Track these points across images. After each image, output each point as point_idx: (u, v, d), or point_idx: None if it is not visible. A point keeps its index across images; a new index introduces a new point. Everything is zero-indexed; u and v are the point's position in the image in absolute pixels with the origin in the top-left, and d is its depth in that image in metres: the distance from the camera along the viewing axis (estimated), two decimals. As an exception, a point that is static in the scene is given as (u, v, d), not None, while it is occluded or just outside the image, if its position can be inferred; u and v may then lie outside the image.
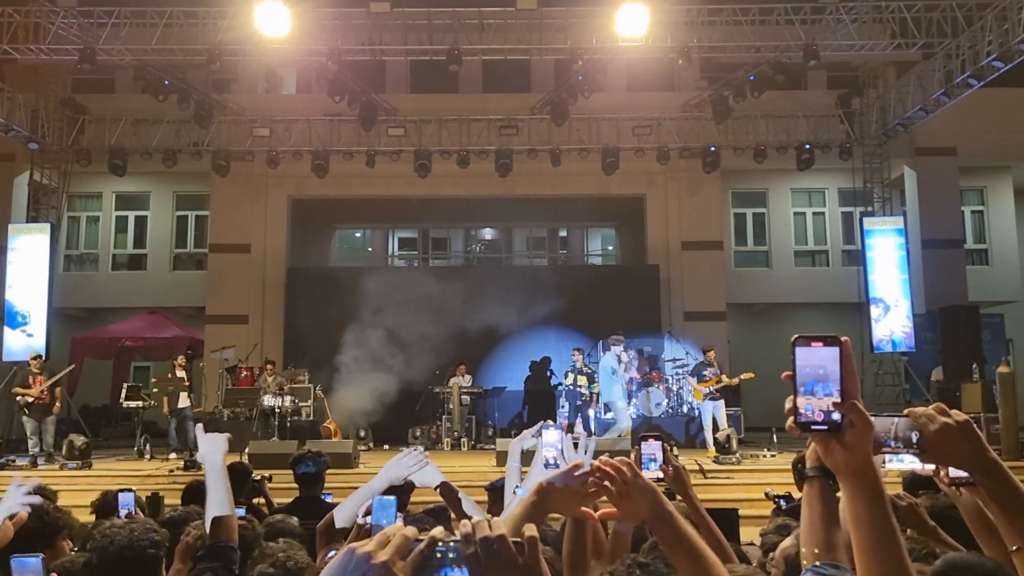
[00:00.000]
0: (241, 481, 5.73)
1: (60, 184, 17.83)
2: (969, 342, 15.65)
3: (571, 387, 14.25)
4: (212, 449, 2.85)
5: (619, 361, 12.30)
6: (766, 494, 6.15)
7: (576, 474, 1.66)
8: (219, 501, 2.76)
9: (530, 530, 1.07)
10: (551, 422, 3.53)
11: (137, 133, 17.21)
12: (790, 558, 2.59)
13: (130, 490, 4.23)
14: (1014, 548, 1.74)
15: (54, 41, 15.17)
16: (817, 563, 1.44)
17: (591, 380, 14.29)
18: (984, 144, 18.24)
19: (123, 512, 4.06)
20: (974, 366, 13.24)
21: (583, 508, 1.71)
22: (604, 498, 1.71)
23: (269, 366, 14.89)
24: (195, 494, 4.44)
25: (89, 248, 20.60)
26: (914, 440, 1.45)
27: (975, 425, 1.47)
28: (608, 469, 1.64)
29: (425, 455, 3.29)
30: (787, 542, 2.73)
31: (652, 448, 2.62)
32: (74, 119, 17.51)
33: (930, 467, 1.99)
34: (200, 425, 3.02)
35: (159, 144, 17.05)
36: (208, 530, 2.72)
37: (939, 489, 2.28)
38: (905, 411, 1.49)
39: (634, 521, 1.68)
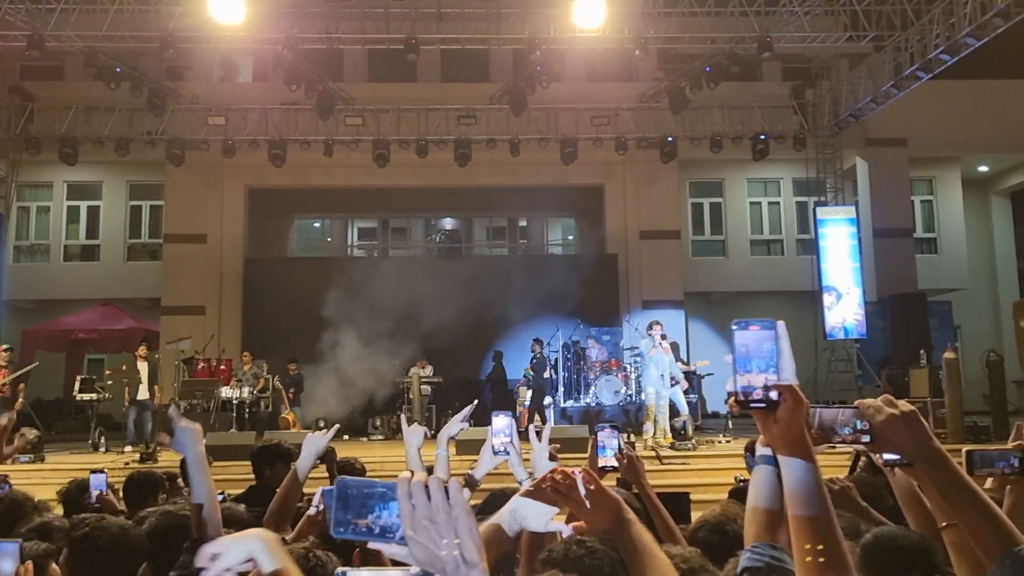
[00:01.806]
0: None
1: (9, 173, 17.44)
2: (917, 329, 16.05)
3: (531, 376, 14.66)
4: (187, 440, 2.75)
5: (654, 345, 12.27)
6: (736, 478, 6.35)
7: (543, 486, 1.71)
8: (204, 496, 2.70)
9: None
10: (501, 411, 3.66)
11: (88, 121, 16.87)
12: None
13: (101, 471, 4.15)
14: (943, 524, 1.83)
15: (0, 27, 14.79)
16: (756, 543, 1.51)
17: (535, 370, 14.79)
18: (933, 135, 18.66)
19: (94, 493, 3.99)
20: (922, 352, 13.58)
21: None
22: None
23: (247, 355, 14.77)
24: (138, 486, 4.33)
25: (40, 239, 20.18)
26: (860, 428, 1.53)
27: (920, 416, 1.54)
28: (573, 482, 1.69)
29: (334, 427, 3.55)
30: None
31: (607, 436, 2.72)
32: (23, 107, 17.13)
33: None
34: (176, 412, 2.86)
35: (111, 133, 16.75)
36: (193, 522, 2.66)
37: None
38: (855, 402, 1.56)
39: (599, 530, 1.73)
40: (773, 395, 1.37)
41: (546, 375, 15.14)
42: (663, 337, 12.24)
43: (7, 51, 15.99)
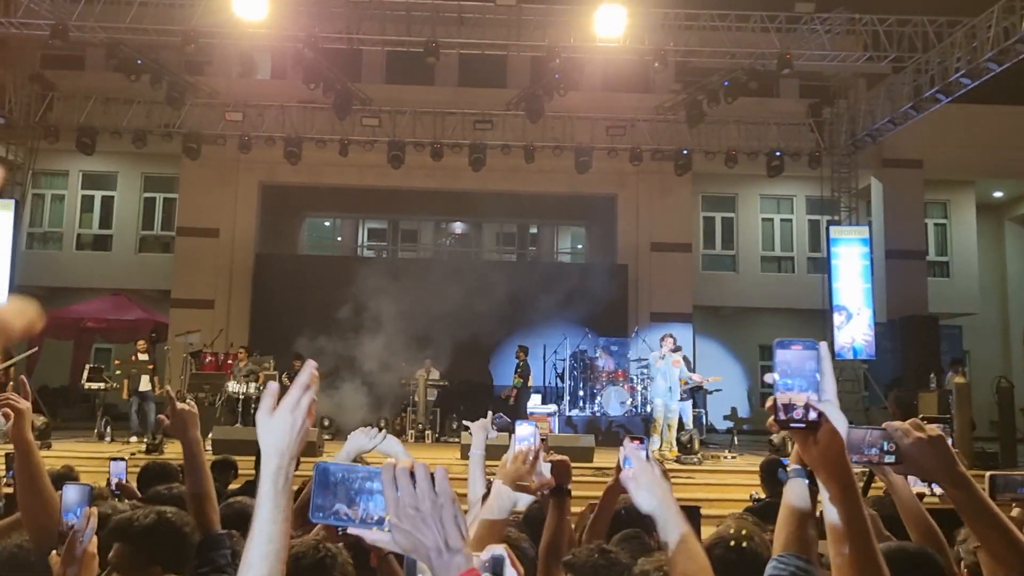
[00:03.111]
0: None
1: (26, 160, 17.53)
2: (927, 352, 15.98)
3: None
4: (183, 424, 2.60)
5: (660, 356, 12.36)
6: (751, 496, 6.39)
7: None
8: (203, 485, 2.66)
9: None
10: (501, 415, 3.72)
11: (107, 112, 16.96)
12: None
13: (122, 458, 4.18)
14: (976, 546, 1.87)
15: (25, 15, 14.89)
16: (782, 554, 1.53)
17: (523, 378, 14.94)
18: (949, 158, 18.61)
19: (114, 481, 4.01)
20: (931, 376, 13.53)
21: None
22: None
23: (242, 351, 14.81)
24: (153, 476, 4.35)
25: (54, 227, 20.29)
26: (886, 449, 1.57)
27: (947, 440, 1.57)
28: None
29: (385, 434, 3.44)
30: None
31: (634, 449, 2.73)
32: (42, 95, 17.22)
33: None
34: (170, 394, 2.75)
35: (129, 124, 16.83)
36: (193, 515, 2.56)
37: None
38: (883, 424, 1.59)
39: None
40: (813, 415, 1.38)
41: (529, 383, 15.22)
42: (673, 350, 12.25)
43: (30, 39, 16.09)
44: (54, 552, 2.10)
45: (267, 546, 1.28)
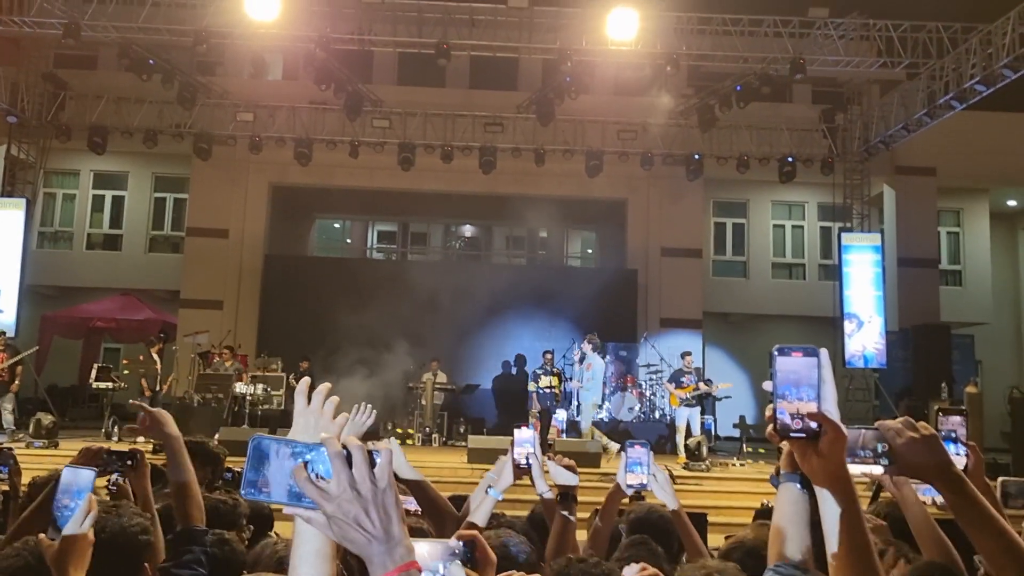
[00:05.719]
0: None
1: (37, 159, 17.60)
2: (939, 362, 15.85)
3: (544, 389, 14.17)
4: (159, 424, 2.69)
5: (579, 361, 12.50)
6: (763, 504, 6.29)
7: None
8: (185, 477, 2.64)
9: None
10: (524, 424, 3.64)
11: (118, 112, 17.02)
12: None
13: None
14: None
15: (38, 14, 14.95)
16: (778, 563, 1.48)
17: (561, 379, 14.37)
18: (963, 166, 18.47)
19: (112, 479, 3.99)
20: (943, 385, 13.41)
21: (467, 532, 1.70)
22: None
23: (226, 351, 14.75)
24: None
25: (64, 226, 20.35)
26: (880, 451, 1.50)
27: (940, 440, 1.52)
28: None
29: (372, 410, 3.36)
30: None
31: (638, 454, 2.67)
32: (55, 94, 17.29)
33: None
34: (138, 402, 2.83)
35: (140, 124, 16.88)
36: (175, 506, 2.53)
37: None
38: (876, 423, 1.53)
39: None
40: (814, 426, 1.34)
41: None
42: (593, 350, 12.55)
43: (43, 38, 16.17)
44: (42, 535, 2.05)
45: (304, 547, 1.25)
